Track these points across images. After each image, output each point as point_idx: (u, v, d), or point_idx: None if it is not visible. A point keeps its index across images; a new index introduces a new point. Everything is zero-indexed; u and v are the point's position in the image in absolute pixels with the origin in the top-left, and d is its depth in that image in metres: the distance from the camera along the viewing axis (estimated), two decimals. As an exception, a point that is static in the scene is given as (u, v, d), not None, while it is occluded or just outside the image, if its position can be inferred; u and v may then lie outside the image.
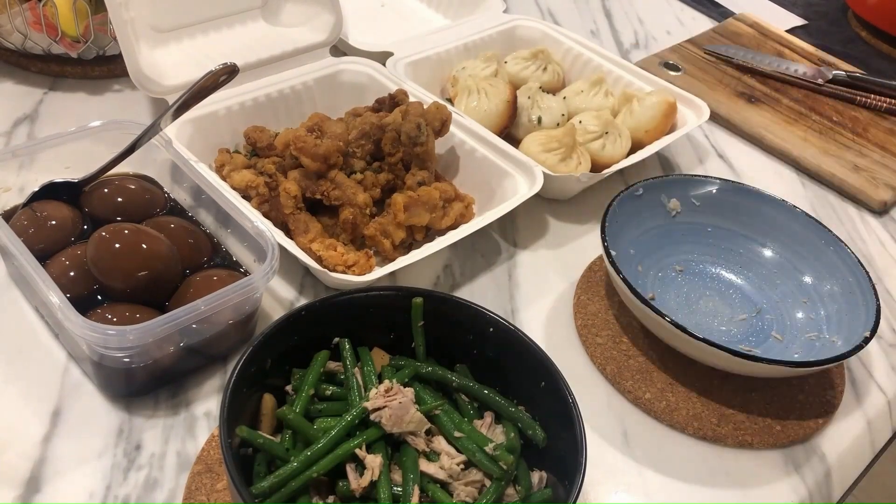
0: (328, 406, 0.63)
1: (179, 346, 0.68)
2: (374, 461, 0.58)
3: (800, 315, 0.83)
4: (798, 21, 1.47)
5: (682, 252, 0.89)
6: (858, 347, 0.73)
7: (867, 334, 0.74)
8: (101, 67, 1.04)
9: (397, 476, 0.59)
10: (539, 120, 1.01)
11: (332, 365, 0.66)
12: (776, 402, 0.77)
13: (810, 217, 0.87)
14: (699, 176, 0.92)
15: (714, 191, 0.89)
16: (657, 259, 0.87)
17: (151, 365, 0.68)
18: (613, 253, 0.78)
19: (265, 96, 0.96)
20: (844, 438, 0.77)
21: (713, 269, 0.88)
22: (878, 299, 0.78)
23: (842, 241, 0.84)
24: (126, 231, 0.72)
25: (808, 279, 0.85)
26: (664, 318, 0.72)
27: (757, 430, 0.75)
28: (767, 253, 0.88)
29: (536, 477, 0.62)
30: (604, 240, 0.79)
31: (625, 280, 0.75)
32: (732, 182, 0.91)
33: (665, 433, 0.74)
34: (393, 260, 0.80)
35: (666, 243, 0.88)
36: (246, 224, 0.74)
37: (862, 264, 0.82)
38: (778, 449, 0.74)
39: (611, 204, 0.83)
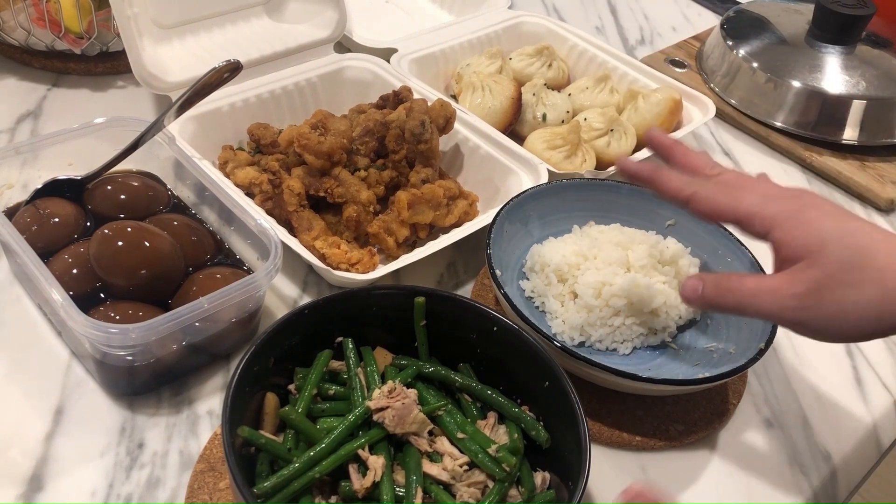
0: (331, 406, 0.63)
1: (182, 345, 0.68)
2: (376, 462, 0.58)
3: (697, 321, 0.80)
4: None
5: None
6: (753, 360, 0.70)
7: (762, 346, 0.71)
8: (104, 64, 1.04)
9: (400, 477, 0.59)
10: (544, 117, 1.01)
11: (335, 364, 0.66)
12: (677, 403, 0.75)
13: None
14: (597, 180, 0.88)
15: (611, 194, 0.86)
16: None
17: (154, 363, 0.68)
18: (498, 272, 0.74)
19: (269, 93, 0.96)
20: (850, 439, 0.76)
21: None
22: None
23: (743, 245, 0.80)
24: (129, 229, 0.72)
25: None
26: (552, 341, 0.69)
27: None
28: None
29: (539, 478, 0.61)
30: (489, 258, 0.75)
31: (506, 295, 0.71)
32: (629, 184, 0.86)
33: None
34: (396, 258, 0.80)
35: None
36: (249, 221, 0.74)
37: (762, 269, 0.77)
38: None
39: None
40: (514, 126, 1.01)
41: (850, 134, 1.09)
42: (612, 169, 0.93)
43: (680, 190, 0.64)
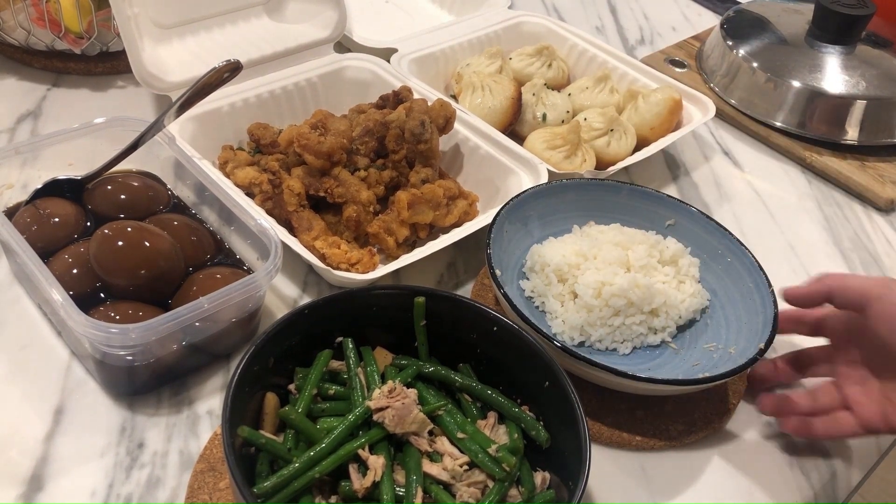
0: (331, 406, 0.63)
1: (182, 345, 0.68)
2: (376, 462, 0.58)
3: (697, 321, 0.80)
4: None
5: None
6: (752, 360, 0.70)
7: (762, 346, 0.71)
8: (104, 64, 1.04)
9: (400, 477, 0.59)
10: (544, 117, 1.01)
11: (335, 364, 0.66)
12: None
13: (710, 219, 0.83)
14: (597, 180, 0.88)
15: (611, 194, 0.86)
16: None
17: (154, 363, 0.68)
18: (498, 272, 0.75)
19: (269, 93, 0.96)
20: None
21: None
22: (776, 307, 0.74)
23: (743, 245, 0.81)
24: (129, 228, 0.72)
25: (707, 283, 0.82)
26: (553, 341, 0.69)
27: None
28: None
29: (539, 478, 0.61)
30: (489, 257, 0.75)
31: (505, 295, 0.71)
32: (629, 184, 0.87)
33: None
34: (396, 258, 0.80)
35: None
36: (249, 221, 0.74)
37: (762, 269, 0.78)
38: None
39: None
40: (514, 126, 1.01)
41: (850, 134, 1.10)
42: (612, 169, 0.93)
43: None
